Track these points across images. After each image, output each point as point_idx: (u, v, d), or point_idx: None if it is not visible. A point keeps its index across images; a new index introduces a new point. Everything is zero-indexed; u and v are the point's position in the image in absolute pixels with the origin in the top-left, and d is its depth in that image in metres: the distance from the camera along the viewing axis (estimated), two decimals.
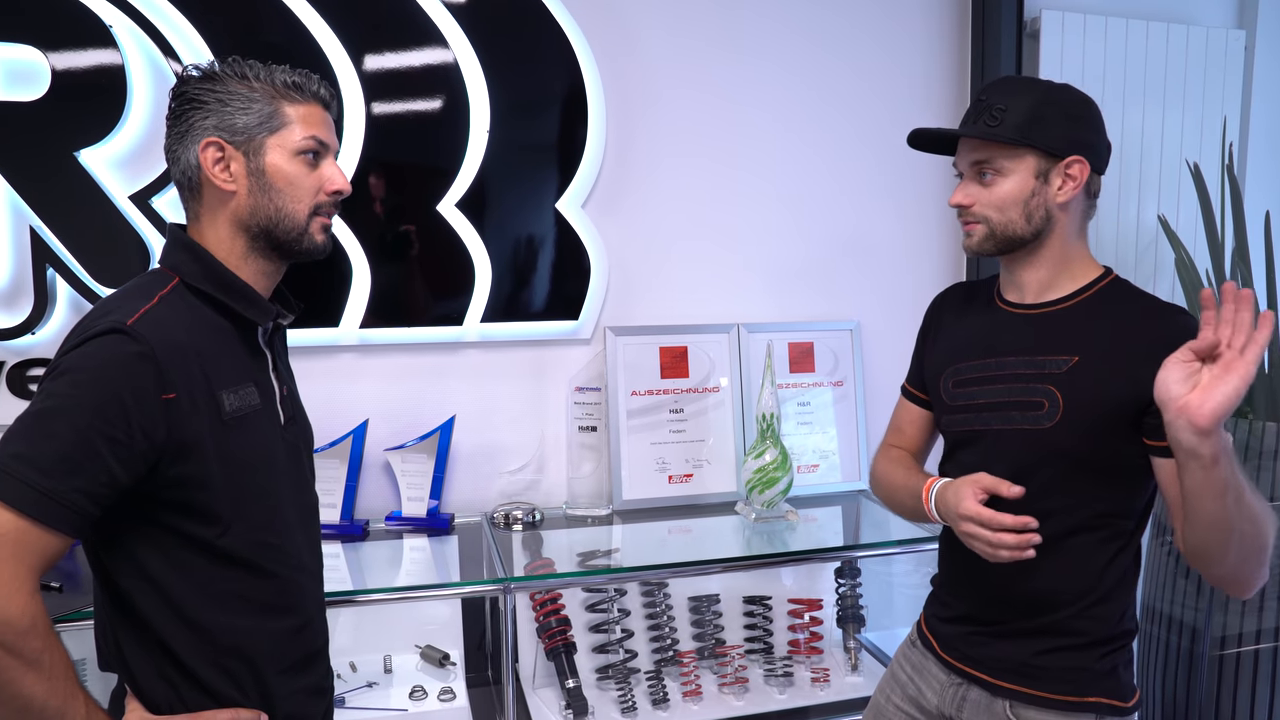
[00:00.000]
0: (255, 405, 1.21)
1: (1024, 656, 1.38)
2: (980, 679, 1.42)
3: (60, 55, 1.96)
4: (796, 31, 2.45)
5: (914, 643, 1.59)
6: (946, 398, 1.50)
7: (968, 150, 1.39)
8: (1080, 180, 1.34)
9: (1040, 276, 1.40)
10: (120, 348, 1.06)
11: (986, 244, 1.39)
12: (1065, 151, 1.33)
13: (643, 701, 2.19)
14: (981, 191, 1.37)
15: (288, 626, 1.25)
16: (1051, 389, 1.34)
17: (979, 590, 1.44)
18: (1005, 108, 1.33)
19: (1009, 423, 1.38)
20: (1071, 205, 1.36)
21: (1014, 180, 1.34)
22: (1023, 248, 1.38)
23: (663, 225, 2.42)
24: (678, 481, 2.38)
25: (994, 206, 1.36)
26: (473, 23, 2.19)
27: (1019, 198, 1.34)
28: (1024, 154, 1.33)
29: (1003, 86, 1.37)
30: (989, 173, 1.36)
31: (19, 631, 0.99)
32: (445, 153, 2.21)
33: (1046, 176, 1.34)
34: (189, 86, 1.20)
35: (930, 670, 1.51)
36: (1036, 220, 1.35)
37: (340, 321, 2.20)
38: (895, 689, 1.58)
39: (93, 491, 1.03)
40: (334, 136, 1.27)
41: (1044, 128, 1.32)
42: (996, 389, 1.40)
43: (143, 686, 1.16)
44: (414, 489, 2.24)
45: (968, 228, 1.41)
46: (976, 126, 1.35)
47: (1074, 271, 1.39)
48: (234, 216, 1.21)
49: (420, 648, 2.25)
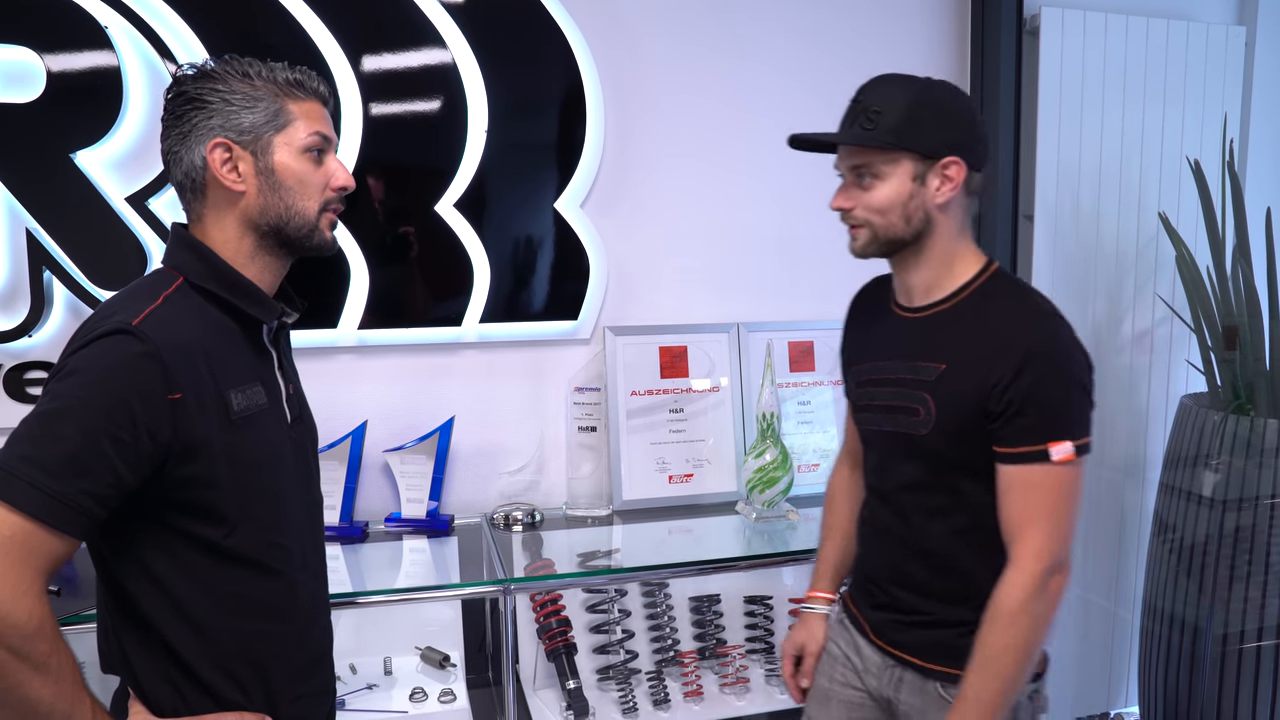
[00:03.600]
0: (262, 404, 1.20)
1: (949, 640, 1.40)
2: (911, 662, 1.46)
3: (56, 57, 1.95)
4: (795, 31, 2.44)
5: (844, 623, 1.61)
6: (853, 396, 1.57)
7: (846, 154, 1.40)
8: (957, 180, 1.34)
9: (924, 278, 1.42)
10: (126, 348, 1.05)
11: (870, 247, 1.40)
12: (940, 153, 1.33)
13: (644, 702, 2.19)
14: (861, 195, 1.38)
15: (293, 629, 1.25)
16: (926, 396, 1.37)
17: (894, 583, 1.48)
18: (881, 110, 1.33)
19: (897, 426, 1.42)
20: (951, 205, 1.37)
21: (892, 184, 1.35)
22: (906, 249, 1.40)
23: (662, 225, 2.41)
24: (678, 481, 2.38)
25: (874, 210, 1.36)
26: (471, 23, 2.18)
27: (897, 200, 1.35)
28: (900, 157, 1.34)
29: (878, 87, 1.37)
30: (867, 176, 1.36)
31: (26, 635, 0.98)
32: (444, 153, 2.21)
33: (924, 178, 1.34)
34: (189, 86, 1.18)
35: (865, 652, 1.54)
36: (916, 222, 1.36)
37: (339, 322, 2.19)
38: (836, 668, 1.60)
39: (99, 493, 1.02)
40: (334, 132, 1.27)
41: (918, 130, 1.32)
42: (886, 391, 1.45)
43: (146, 689, 1.16)
44: (413, 490, 2.24)
45: (852, 231, 1.42)
46: (852, 132, 1.36)
47: (954, 271, 1.40)
48: (243, 216, 1.20)
49: (420, 649, 2.25)
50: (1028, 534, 1.28)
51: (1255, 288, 2.36)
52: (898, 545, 1.46)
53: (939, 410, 1.35)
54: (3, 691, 0.98)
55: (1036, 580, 1.27)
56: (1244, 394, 2.38)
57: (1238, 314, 2.39)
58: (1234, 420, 2.34)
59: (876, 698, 1.52)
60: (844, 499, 1.69)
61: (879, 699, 1.52)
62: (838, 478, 1.74)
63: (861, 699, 1.54)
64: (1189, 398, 2.56)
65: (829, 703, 1.58)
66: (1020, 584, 1.28)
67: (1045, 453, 1.26)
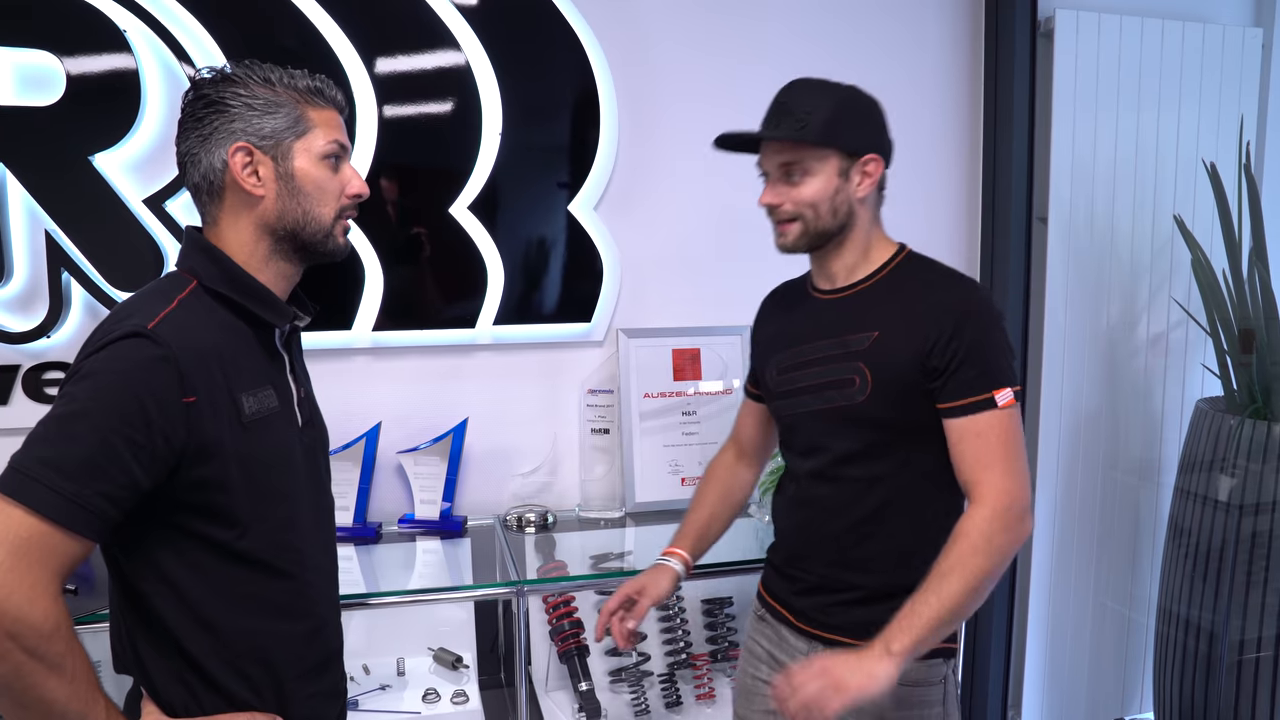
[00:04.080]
0: (274, 408, 1.21)
1: (882, 616, 1.39)
2: (841, 641, 1.47)
3: (75, 60, 1.97)
4: (808, 36, 2.43)
5: (763, 618, 1.65)
6: (773, 386, 1.60)
7: (775, 152, 1.47)
8: (876, 175, 1.46)
9: (846, 262, 1.51)
10: (141, 351, 1.06)
11: (801, 241, 1.48)
12: (863, 150, 1.44)
13: (656, 704, 2.19)
14: (790, 190, 1.45)
15: (304, 629, 1.26)
16: (860, 365, 1.44)
17: (827, 561, 1.52)
18: (810, 110, 1.41)
19: (828, 402, 1.48)
20: (869, 198, 1.48)
21: (820, 179, 1.43)
22: (831, 241, 1.48)
23: (675, 227, 2.41)
24: (691, 484, 2.37)
25: (806, 204, 1.44)
26: (484, 25, 2.19)
27: (825, 195, 1.44)
28: (828, 154, 1.43)
29: (803, 90, 1.45)
30: (797, 173, 1.44)
31: (42, 635, 0.99)
32: (458, 155, 2.22)
33: (847, 174, 1.44)
34: (209, 89, 1.19)
35: (791, 642, 1.56)
36: (841, 214, 1.46)
37: (353, 324, 2.20)
38: (758, 666, 1.63)
39: (114, 495, 1.03)
40: (349, 140, 1.28)
41: (843, 129, 1.42)
42: (813, 372, 1.51)
43: (159, 689, 1.16)
44: (427, 492, 2.24)
45: (782, 227, 1.49)
46: (785, 129, 1.43)
47: (872, 255, 1.51)
48: (260, 220, 1.21)
49: (433, 650, 2.25)
50: (987, 476, 1.37)
51: (1271, 291, 2.35)
52: (832, 520, 1.50)
53: (874, 376, 1.42)
54: (19, 691, 0.99)
55: (1000, 515, 1.34)
56: (1260, 398, 2.37)
57: (1254, 317, 2.38)
58: (1250, 424, 2.33)
59: None
60: (720, 477, 1.78)
61: None
62: (719, 460, 1.82)
63: None
64: (1204, 402, 2.55)
65: (753, 698, 1.64)
66: (985, 516, 1.35)
67: (991, 400, 1.37)
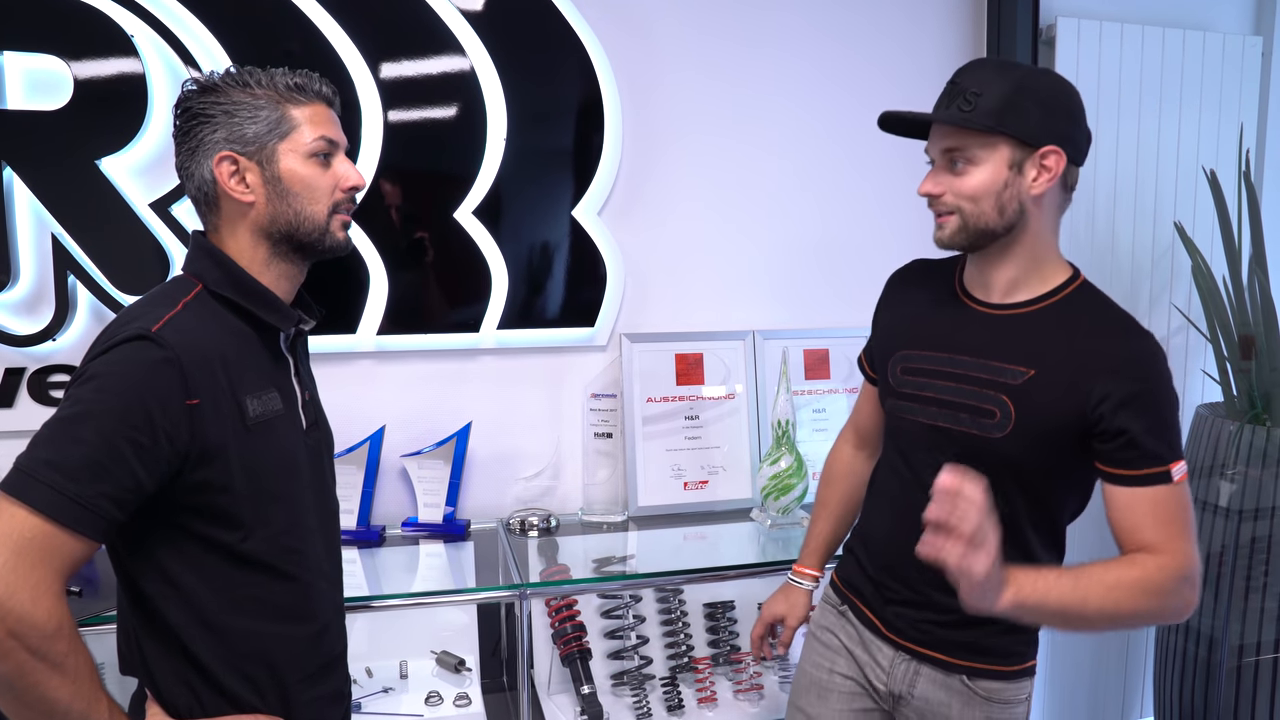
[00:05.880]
0: (278, 410, 1.22)
1: (983, 639, 1.39)
2: (933, 658, 1.43)
3: (82, 64, 1.97)
4: (814, 39, 2.45)
5: (843, 613, 1.57)
6: (894, 382, 1.49)
7: (939, 137, 1.34)
8: (1056, 172, 1.28)
9: (1009, 275, 1.37)
10: (145, 354, 1.07)
11: (958, 236, 1.34)
12: (1040, 141, 1.27)
13: (658, 708, 2.19)
14: (953, 180, 1.32)
15: (307, 632, 1.26)
16: (1005, 399, 1.32)
17: (926, 581, 1.40)
18: (980, 92, 1.27)
19: (958, 423, 1.37)
20: (1046, 198, 1.31)
21: (986, 170, 1.28)
22: (994, 242, 1.33)
23: (678, 232, 2.42)
24: (693, 488, 2.38)
25: (966, 197, 1.30)
26: (489, 30, 2.20)
27: (991, 188, 1.29)
28: (997, 142, 1.28)
29: (978, 70, 1.31)
30: (960, 161, 1.30)
31: (45, 635, 0.99)
32: (462, 160, 2.22)
33: (1021, 167, 1.28)
34: (192, 102, 1.21)
35: (874, 646, 1.51)
36: (1009, 213, 1.30)
37: (357, 328, 2.21)
38: (834, 660, 1.56)
39: (118, 496, 1.04)
40: (341, 133, 1.27)
41: (1019, 115, 1.26)
42: (948, 386, 1.39)
43: (163, 690, 1.17)
44: (430, 495, 2.25)
45: (940, 219, 1.36)
46: (949, 112, 1.30)
47: (1043, 273, 1.36)
48: (254, 225, 1.22)
49: (436, 653, 2.26)
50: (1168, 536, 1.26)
51: (1271, 297, 2.36)
52: None
53: (1019, 416, 1.31)
54: (21, 690, 1.00)
55: (1188, 578, 1.25)
56: (1260, 404, 2.37)
57: (1254, 324, 2.38)
58: (1250, 430, 2.34)
59: (880, 693, 1.50)
60: (843, 479, 1.67)
61: (883, 694, 1.50)
62: (839, 457, 1.70)
63: (860, 691, 1.53)
64: (1205, 407, 2.55)
65: (828, 694, 1.56)
66: (1171, 572, 1.24)
67: (1168, 474, 1.26)
